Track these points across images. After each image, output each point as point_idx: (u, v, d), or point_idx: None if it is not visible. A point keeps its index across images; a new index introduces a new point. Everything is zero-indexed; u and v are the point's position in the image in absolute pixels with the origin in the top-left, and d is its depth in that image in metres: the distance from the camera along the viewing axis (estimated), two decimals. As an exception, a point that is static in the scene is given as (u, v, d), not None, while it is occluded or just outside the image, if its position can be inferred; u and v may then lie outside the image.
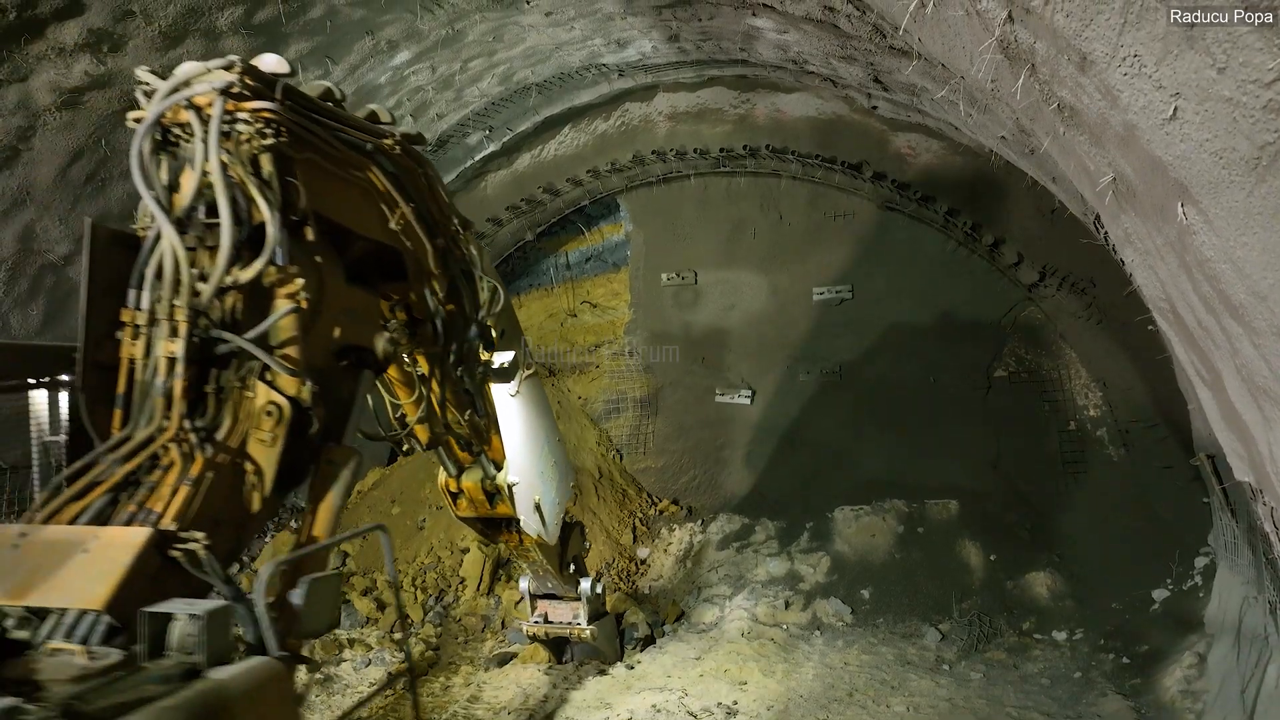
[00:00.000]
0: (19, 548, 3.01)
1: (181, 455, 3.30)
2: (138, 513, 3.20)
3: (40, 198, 8.46)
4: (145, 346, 3.39)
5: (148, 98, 3.57)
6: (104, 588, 2.82)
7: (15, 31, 6.98)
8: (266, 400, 3.47)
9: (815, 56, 9.49)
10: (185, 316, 3.33)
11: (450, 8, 8.84)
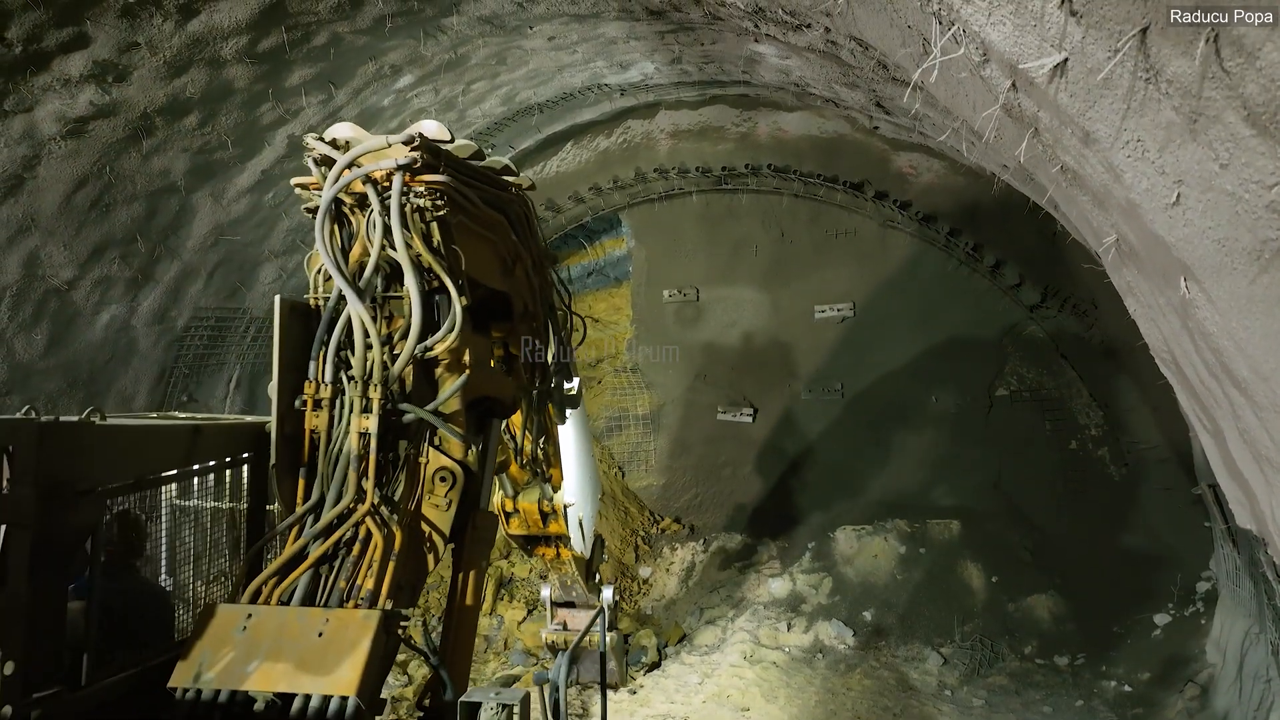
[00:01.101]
0: (249, 630, 3.06)
1: (377, 528, 3.36)
2: (349, 589, 3.30)
3: (45, 224, 8.48)
4: (329, 418, 3.48)
5: (319, 165, 3.61)
6: (352, 672, 2.89)
7: (21, 64, 7.00)
8: (438, 466, 3.56)
9: (817, 81, 9.52)
10: (379, 394, 3.40)
11: (454, 34, 8.87)
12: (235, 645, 3.02)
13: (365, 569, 3.34)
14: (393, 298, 3.61)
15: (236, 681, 2.94)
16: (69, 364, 9.61)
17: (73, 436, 2.69)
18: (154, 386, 10.87)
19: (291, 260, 11.82)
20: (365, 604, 3.25)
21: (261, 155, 9.74)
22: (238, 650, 3.01)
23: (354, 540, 3.42)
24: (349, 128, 3.84)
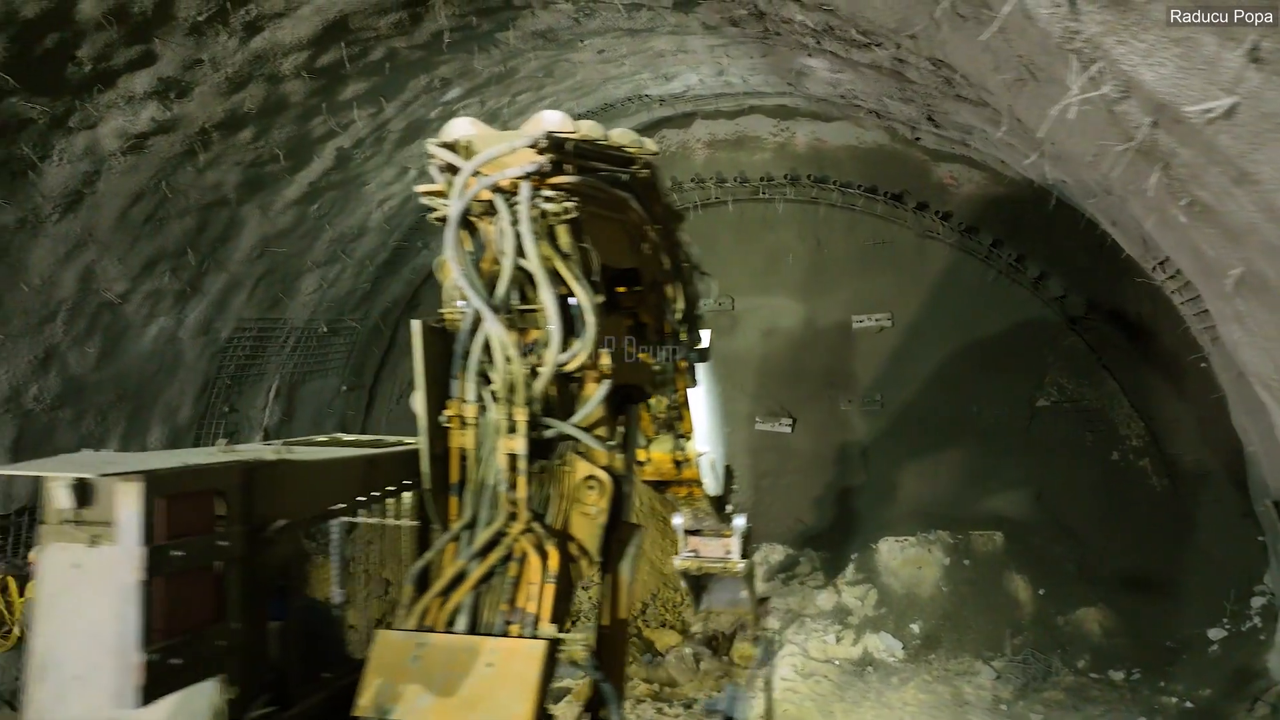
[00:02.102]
0: (420, 659, 3.05)
1: (533, 547, 3.28)
2: (511, 613, 3.23)
3: (102, 238, 8.51)
4: (475, 437, 3.38)
5: (444, 172, 3.44)
6: (524, 705, 2.87)
7: (90, 82, 7.03)
8: (583, 475, 3.44)
9: (868, 95, 9.52)
10: (525, 415, 3.30)
11: (506, 48, 8.88)
12: (410, 676, 3.02)
13: (524, 591, 3.25)
14: (527, 310, 3.43)
15: (415, 713, 2.95)
16: (119, 376, 9.64)
17: (271, 474, 2.78)
18: (198, 397, 10.90)
19: (332, 270, 11.85)
20: (528, 629, 3.18)
21: (310, 168, 9.77)
22: (413, 680, 3.01)
23: (509, 559, 3.32)
24: (469, 124, 3.57)
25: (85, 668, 2.48)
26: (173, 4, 6.55)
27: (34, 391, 8.75)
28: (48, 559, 2.53)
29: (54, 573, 2.53)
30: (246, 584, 2.67)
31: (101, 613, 2.42)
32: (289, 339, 11.98)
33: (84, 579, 2.46)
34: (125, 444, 10.06)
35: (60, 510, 2.50)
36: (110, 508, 2.39)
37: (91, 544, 2.46)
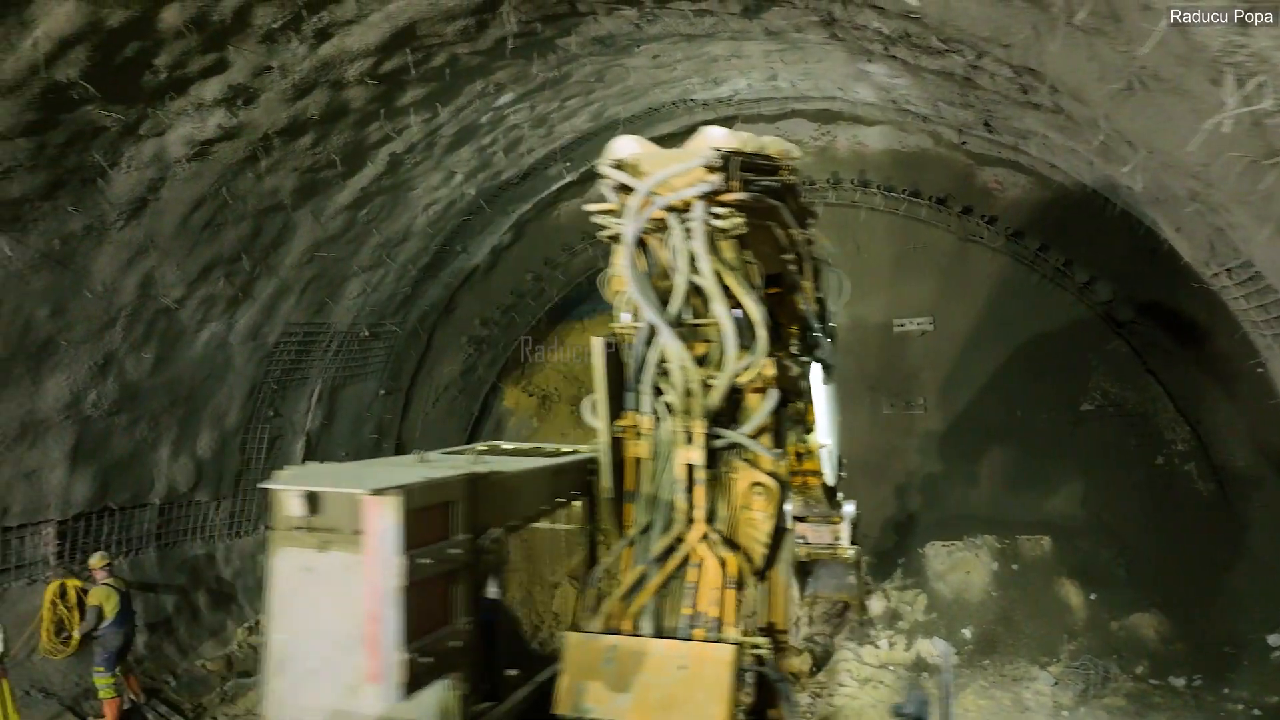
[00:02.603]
0: (614, 661, 3.19)
1: (711, 553, 3.40)
2: (695, 617, 3.35)
3: (162, 245, 8.51)
4: (650, 447, 3.50)
5: (619, 192, 3.54)
6: (720, 708, 3.01)
7: (163, 90, 7.02)
8: (750, 481, 3.53)
9: (922, 100, 9.51)
10: (702, 426, 3.40)
11: (563, 53, 8.87)
12: (605, 677, 3.17)
13: (705, 596, 3.37)
14: (698, 324, 3.57)
15: (614, 713, 3.11)
16: (172, 382, 9.64)
17: (486, 486, 2.92)
18: (244, 402, 10.90)
19: (376, 275, 11.84)
20: (713, 633, 3.33)
21: (363, 173, 9.76)
22: (609, 681, 3.17)
23: (686, 565, 3.45)
24: (635, 142, 3.67)
25: (320, 662, 2.73)
26: (250, 11, 6.54)
27: (92, 398, 8.75)
28: (280, 562, 2.78)
29: (286, 575, 2.78)
30: (469, 588, 2.83)
31: (343, 613, 2.61)
32: (331, 343, 11.98)
33: (314, 581, 2.72)
34: (176, 450, 10.06)
35: (291, 518, 2.72)
36: (352, 517, 2.56)
37: (321, 549, 2.70)
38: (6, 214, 7.09)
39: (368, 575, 2.56)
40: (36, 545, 8.74)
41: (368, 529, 2.55)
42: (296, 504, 2.75)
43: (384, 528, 2.57)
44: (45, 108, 6.48)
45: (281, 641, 2.82)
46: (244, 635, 10.57)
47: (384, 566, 2.56)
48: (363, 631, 2.64)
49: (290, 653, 2.81)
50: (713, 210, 3.43)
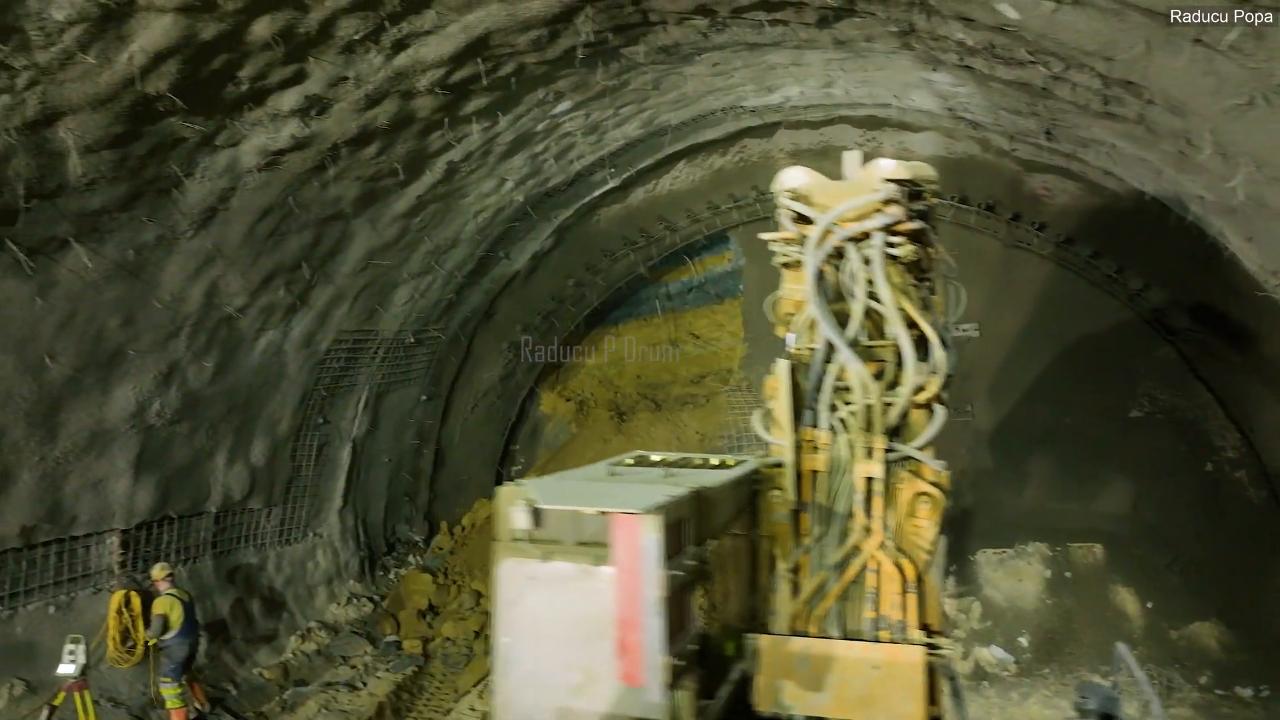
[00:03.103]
0: (808, 662, 3.48)
1: (889, 559, 3.66)
2: (878, 620, 3.63)
3: (228, 253, 8.52)
4: (827, 461, 3.76)
5: (798, 222, 3.89)
6: (916, 706, 3.31)
7: (243, 101, 7.02)
8: (916, 490, 3.75)
9: (981, 108, 9.50)
10: (883, 443, 3.66)
11: (626, 61, 8.86)
12: (801, 677, 3.46)
13: (887, 600, 3.63)
14: (872, 345, 3.83)
15: (814, 709, 3.39)
16: (230, 390, 9.65)
17: (704, 499, 3.15)
18: (296, 409, 10.90)
19: (424, 281, 11.85)
20: (898, 635, 3.59)
21: (420, 181, 9.76)
22: (804, 681, 3.45)
23: (864, 571, 3.71)
24: (804, 173, 4.02)
25: (545, 664, 3.02)
26: (335, 23, 6.54)
27: (156, 407, 8.75)
28: (505, 571, 3.06)
29: (511, 583, 3.06)
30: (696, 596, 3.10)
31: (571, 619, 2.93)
32: (379, 350, 11.99)
33: (538, 589, 3.01)
34: (232, 458, 10.06)
35: (516, 530, 3.01)
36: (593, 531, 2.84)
37: (545, 559, 3.00)
38: (86, 225, 7.09)
39: (623, 585, 2.77)
40: (101, 554, 8.74)
41: (626, 544, 2.78)
42: (522, 517, 3.01)
43: (646, 543, 2.82)
44: (132, 120, 6.48)
45: (506, 644, 3.08)
46: (297, 643, 10.57)
47: (646, 578, 2.80)
48: (608, 637, 2.90)
49: (515, 655, 3.08)
50: (889, 239, 3.76)
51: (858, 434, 3.76)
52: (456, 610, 11.66)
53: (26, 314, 7.17)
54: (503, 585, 3.07)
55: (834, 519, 3.83)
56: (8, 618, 7.91)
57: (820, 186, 4.03)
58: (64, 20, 5.35)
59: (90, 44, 5.63)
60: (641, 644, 2.83)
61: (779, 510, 3.86)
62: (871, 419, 3.76)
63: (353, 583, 12.09)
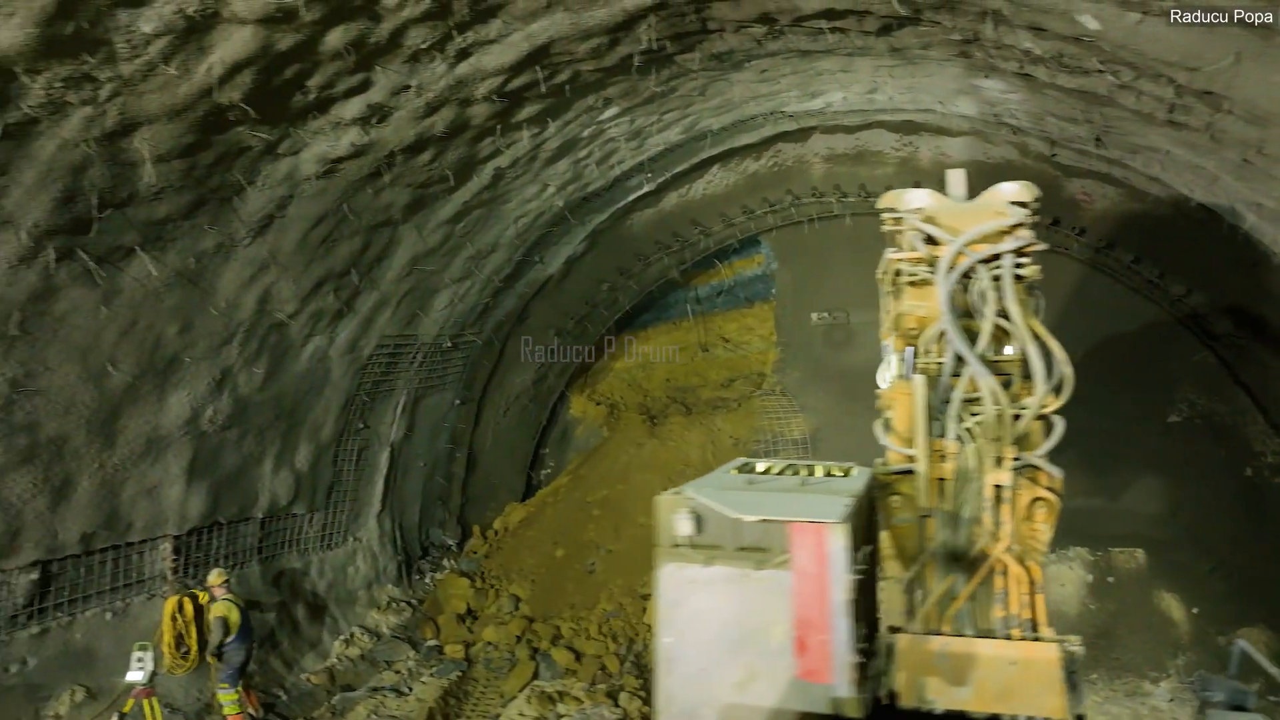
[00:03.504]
0: (947, 658, 3.61)
1: (1014, 561, 3.80)
2: (1008, 619, 3.77)
3: (283, 260, 8.53)
4: (954, 469, 3.92)
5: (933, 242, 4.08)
6: (1057, 699, 3.42)
7: (308, 110, 7.04)
8: (1032, 496, 3.90)
9: (1029, 114, 9.50)
10: (1012, 452, 3.80)
11: (677, 68, 8.87)
12: (941, 673, 3.60)
13: (1015, 600, 3.78)
14: (998, 360, 4.01)
15: (956, 703, 3.53)
16: (278, 396, 9.67)
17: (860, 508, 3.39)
18: (339, 414, 10.93)
19: (463, 286, 11.87)
20: (1029, 633, 3.74)
21: (467, 187, 9.78)
22: (945, 677, 3.59)
23: (990, 573, 3.84)
24: (928, 194, 4.22)
25: (708, 662, 3.30)
26: (405, 32, 6.55)
27: (209, 413, 8.77)
28: (666, 575, 3.35)
29: (672, 586, 3.36)
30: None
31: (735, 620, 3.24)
32: (417, 355, 12.00)
33: (698, 592, 3.30)
34: (278, 463, 10.08)
35: (677, 536, 3.31)
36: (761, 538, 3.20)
37: (706, 564, 3.31)
38: (151, 233, 7.11)
39: (804, 588, 3.11)
40: (155, 561, 8.76)
41: (810, 550, 3.11)
42: (685, 524, 3.31)
43: (834, 550, 3.13)
44: (203, 129, 6.50)
45: (669, 644, 3.35)
46: (341, 648, 10.59)
47: (834, 582, 3.11)
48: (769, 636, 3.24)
49: (677, 654, 3.35)
50: (1018, 260, 3.97)
51: (986, 443, 3.90)
52: (496, 614, 11.67)
53: (91, 322, 7.19)
54: (664, 588, 3.38)
55: (960, 524, 3.96)
56: (67, 624, 7.93)
57: (944, 208, 4.21)
58: (151, 33, 5.37)
59: (173, 55, 5.65)
60: (828, 643, 3.13)
61: (902, 515, 4.01)
62: (1001, 429, 3.89)
63: (391, 587, 12.11)
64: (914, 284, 4.28)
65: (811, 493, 3.73)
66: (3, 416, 6.84)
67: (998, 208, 4.10)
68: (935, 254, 4.12)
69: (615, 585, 11.63)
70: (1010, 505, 3.89)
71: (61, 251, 6.50)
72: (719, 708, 3.39)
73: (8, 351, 6.69)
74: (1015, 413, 3.92)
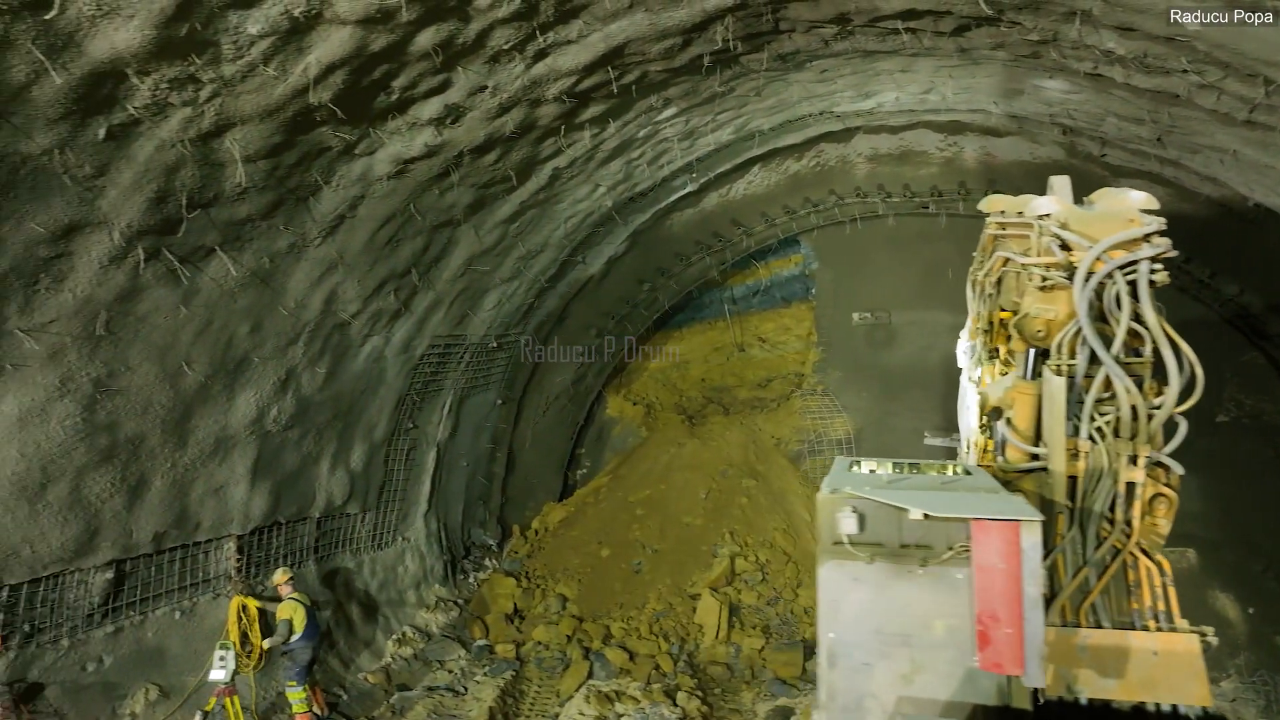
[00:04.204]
0: (1087, 649, 3.83)
1: (1146, 555, 4.02)
2: (1144, 611, 3.97)
3: (349, 261, 8.55)
4: (1085, 466, 4.09)
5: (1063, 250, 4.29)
6: (1201, 687, 3.64)
7: (388, 111, 7.06)
8: (1154, 491, 4.10)
9: (1089, 115, 9.51)
10: (1146, 450, 4.01)
11: (740, 67, 8.88)
12: (1083, 663, 3.80)
13: (1148, 593, 3.97)
14: (1130, 363, 4.16)
15: (1101, 692, 3.74)
16: (337, 395, 9.69)
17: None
18: (391, 414, 10.94)
19: (510, 287, 11.88)
20: (1165, 624, 3.91)
21: (525, 187, 9.79)
22: (1088, 667, 3.79)
23: (1123, 566, 4.03)
24: (1056, 201, 4.27)
25: (872, 656, 3.54)
26: (490, 33, 6.57)
27: (274, 413, 8.79)
28: (828, 573, 3.58)
29: (834, 584, 3.58)
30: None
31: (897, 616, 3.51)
32: (465, 355, 12.02)
33: (861, 589, 3.56)
34: (334, 463, 10.10)
35: (839, 535, 3.55)
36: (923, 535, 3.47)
37: (870, 561, 3.56)
38: (231, 234, 7.13)
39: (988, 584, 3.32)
40: (219, 560, 8.78)
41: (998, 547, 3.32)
42: (848, 524, 3.54)
43: (1027, 546, 3.33)
44: (290, 130, 6.52)
45: (832, 640, 3.59)
46: (395, 647, 10.60)
47: (1028, 576, 3.31)
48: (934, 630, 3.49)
49: (840, 650, 3.58)
50: (1153, 266, 4.16)
51: (1119, 442, 4.08)
52: (544, 614, 11.68)
53: (170, 322, 7.21)
54: (826, 586, 3.60)
55: (1090, 519, 4.11)
56: (139, 623, 7.95)
57: (1073, 214, 4.32)
58: (256, 34, 5.39)
59: (273, 56, 5.67)
60: (1017, 636, 3.31)
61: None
62: (1136, 428, 4.09)
63: (438, 586, 12.13)
64: (1044, 288, 4.33)
65: (964, 490, 3.88)
66: (86, 416, 6.86)
67: (1129, 215, 4.24)
68: (1071, 260, 4.20)
69: (663, 585, 11.64)
70: (1140, 501, 4.07)
71: (149, 252, 6.51)
72: (884, 699, 3.59)
73: (93, 351, 6.71)
74: (1150, 412, 4.06)
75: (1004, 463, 4.46)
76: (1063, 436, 4.08)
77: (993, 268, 4.95)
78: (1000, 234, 4.90)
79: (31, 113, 5.05)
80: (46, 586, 7.15)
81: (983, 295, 5.40)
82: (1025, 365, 4.46)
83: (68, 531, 7.05)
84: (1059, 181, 4.69)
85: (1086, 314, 4.07)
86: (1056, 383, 4.10)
